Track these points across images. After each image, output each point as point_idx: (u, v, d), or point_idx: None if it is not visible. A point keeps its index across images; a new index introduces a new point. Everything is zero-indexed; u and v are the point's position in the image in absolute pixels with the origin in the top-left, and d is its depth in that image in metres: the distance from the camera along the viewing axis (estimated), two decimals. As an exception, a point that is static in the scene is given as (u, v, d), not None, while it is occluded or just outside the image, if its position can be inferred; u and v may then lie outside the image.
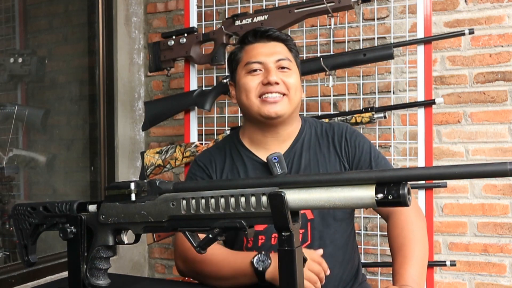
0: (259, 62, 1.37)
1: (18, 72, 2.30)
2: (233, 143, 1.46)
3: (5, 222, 2.14)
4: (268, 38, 1.40)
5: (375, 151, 1.42)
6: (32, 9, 2.53)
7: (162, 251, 2.77)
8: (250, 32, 1.43)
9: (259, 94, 1.35)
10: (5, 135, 2.24)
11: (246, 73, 1.38)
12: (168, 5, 2.76)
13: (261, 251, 1.23)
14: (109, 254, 1.08)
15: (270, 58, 1.37)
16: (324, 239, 1.36)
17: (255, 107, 1.36)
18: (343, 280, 1.39)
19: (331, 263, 1.29)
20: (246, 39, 1.42)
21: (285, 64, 1.37)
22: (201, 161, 1.45)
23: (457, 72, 2.22)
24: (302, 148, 1.41)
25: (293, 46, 1.44)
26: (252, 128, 1.42)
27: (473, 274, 2.19)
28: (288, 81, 1.36)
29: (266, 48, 1.39)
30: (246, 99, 1.37)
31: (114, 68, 2.63)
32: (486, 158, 2.17)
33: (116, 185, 1.07)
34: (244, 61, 1.40)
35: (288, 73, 1.37)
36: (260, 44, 1.40)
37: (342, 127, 1.44)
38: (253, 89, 1.36)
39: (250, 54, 1.39)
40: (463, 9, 2.21)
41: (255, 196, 0.92)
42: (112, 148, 2.62)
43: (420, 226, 1.33)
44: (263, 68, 1.37)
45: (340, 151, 1.41)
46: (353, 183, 0.85)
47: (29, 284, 2.03)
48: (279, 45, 1.40)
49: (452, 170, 0.79)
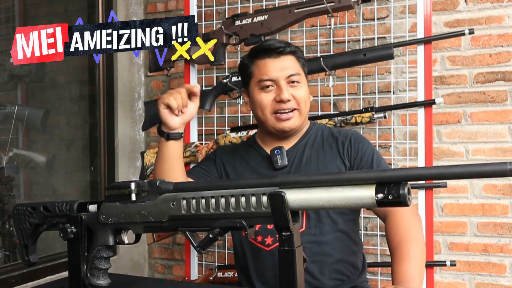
0: (271, 80, 1.46)
1: (18, 72, 2.30)
2: (249, 141, 1.63)
3: (5, 222, 2.14)
4: (279, 53, 1.48)
5: (379, 156, 1.49)
6: (32, 9, 2.53)
7: (162, 251, 2.77)
8: (261, 48, 1.50)
9: (273, 111, 1.47)
10: (5, 135, 2.24)
11: (260, 89, 1.48)
12: (168, 5, 2.76)
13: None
14: (109, 254, 1.08)
15: (281, 74, 1.46)
16: (320, 227, 1.42)
17: (270, 122, 1.48)
18: (340, 270, 1.44)
19: (327, 249, 1.40)
20: (258, 54, 1.50)
21: (295, 79, 1.47)
22: (220, 150, 1.63)
23: (457, 72, 2.22)
24: (305, 146, 1.51)
25: (301, 56, 1.53)
26: (266, 133, 1.55)
27: (473, 274, 2.19)
28: (298, 95, 1.47)
29: (277, 64, 1.47)
30: (262, 114, 1.49)
31: (114, 68, 2.63)
32: (486, 158, 2.17)
33: (116, 185, 1.07)
34: (256, 77, 1.49)
35: (298, 86, 1.48)
36: (270, 59, 1.47)
37: (349, 131, 1.54)
38: (267, 106, 1.47)
39: (262, 70, 1.48)
40: (463, 9, 2.21)
41: (255, 196, 0.92)
42: (112, 148, 2.62)
43: (417, 225, 1.37)
44: (275, 84, 1.47)
45: (343, 151, 1.48)
46: (353, 183, 0.86)
47: (29, 284, 2.03)
48: (288, 58, 1.48)
49: (452, 170, 0.80)
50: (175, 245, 2.73)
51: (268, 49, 1.48)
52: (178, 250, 2.72)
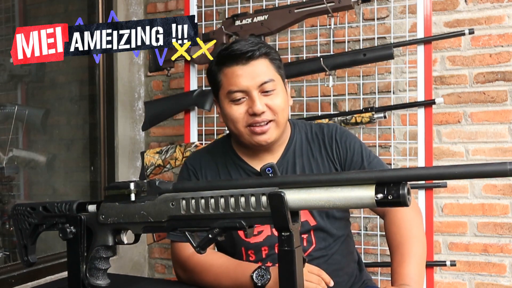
0: (241, 91, 1.29)
1: (18, 72, 2.30)
2: (226, 151, 1.43)
3: (5, 222, 2.14)
4: (248, 59, 1.28)
5: (366, 150, 1.41)
6: (32, 9, 2.53)
7: (162, 251, 2.77)
8: (227, 54, 1.30)
9: (246, 124, 1.31)
10: (5, 135, 2.24)
11: (230, 102, 1.31)
12: (168, 5, 2.76)
13: (261, 266, 1.22)
14: (108, 254, 1.08)
15: (252, 83, 1.28)
16: (328, 239, 1.38)
17: (245, 136, 1.33)
18: (350, 272, 1.42)
19: (338, 258, 1.37)
20: (224, 62, 1.31)
21: (269, 87, 1.29)
22: (191, 164, 1.44)
23: (457, 72, 2.22)
24: (294, 155, 1.39)
25: (275, 57, 1.34)
26: (244, 145, 1.40)
27: (473, 274, 2.19)
28: (274, 104, 1.30)
29: (247, 72, 1.28)
30: (234, 129, 1.33)
31: (114, 68, 2.63)
32: (486, 158, 2.17)
33: (115, 185, 1.07)
34: (225, 88, 1.31)
35: (273, 95, 1.30)
36: (239, 67, 1.29)
37: (332, 128, 1.42)
38: (240, 120, 1.31)
39: (230, 80, 1.30)
40: (463, 9, 2.21)
41: (254, 196, 0.91)
42: (112, 148, 2.62)
43: (418, 223, 1.33)
44: (246, 95, 1.29)
45: (332, 154, 1.40)
46: (353, 183, 0.85)
47: (29, 284, 2.03)
48: (259, 63, 1.30)
49: (452, 170, 0.79)
50: (175, 245, 2.73)
51: (235, 55, 1.28)
52: (178, 250, 2.72)
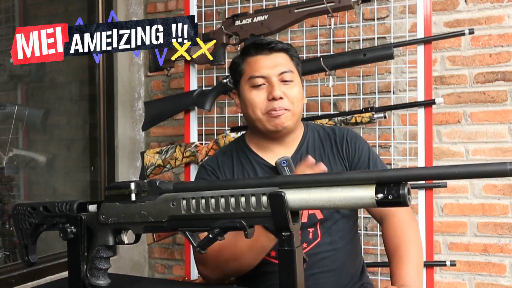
0: (262, 77, 1.39)
1: (18, 72, 2.30)
2: (240, 148, 1.50)
3: (5, 222, 2.14)
4: (271, 50, 1.41)
5: (374, 154, 1.47)
6: (32, 9, 2.53)
7: (162, 251, 2.77)
8: (252, 44, 1.44)
9: (264, 111, 1.39)
10: (5, 135, 2.23)
11: (250, 87, 1.41)
12: (168, 5, 2.76)
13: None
14: (109, 254, 1.08)
15: (272, 71, 1.39)
16: (333, 235, 1.40)
17: (263, 122, 1.40)
18: (352, 273, 1.43)
19: (342, 256, 1.38)
20: (248, 51, 1.43)
21: (288, 77, 1.40)
22: (209, 165, 1.48)
23: (457, 72, 2.22)
24: (307, 151, 1.45)
25: (294, 54, 1.46)
26: (258, 136, 1.46)
27: (473, 274, 2.19)
28: (291, 94, 1.39)
29: (269, 61, 1.40)
30: (252, 114, 1.41)
31: (114, 68, 2.63)
32: (486, 158, 2.17)
33: (116, 185, 1.07)
34: (247, 74, 1.42)
35: (290, 85, 1.40)
36: (262, 56, 1.41)
37: (344, 130, 1.49)
38: (259, 105, 1.40)
39: (253, 67, 1.41)
40: (463, 9, 2.21)
41: (255, 196, 0.92)
42: (112, 148, 2.62)
43: (414, 228, 1.37)
44: (266, 82, 1.39)
45: (342, 153, 1.45)
46: (353, 183, 0.86)
47: (29, 284, 2.03)
48: (280, 55, 1.42)
49: (452, 170, 0.80)
50: (175, 245, 2.73)
51: (260, 45, 1.42)
52: (178, 250, 2.72)
